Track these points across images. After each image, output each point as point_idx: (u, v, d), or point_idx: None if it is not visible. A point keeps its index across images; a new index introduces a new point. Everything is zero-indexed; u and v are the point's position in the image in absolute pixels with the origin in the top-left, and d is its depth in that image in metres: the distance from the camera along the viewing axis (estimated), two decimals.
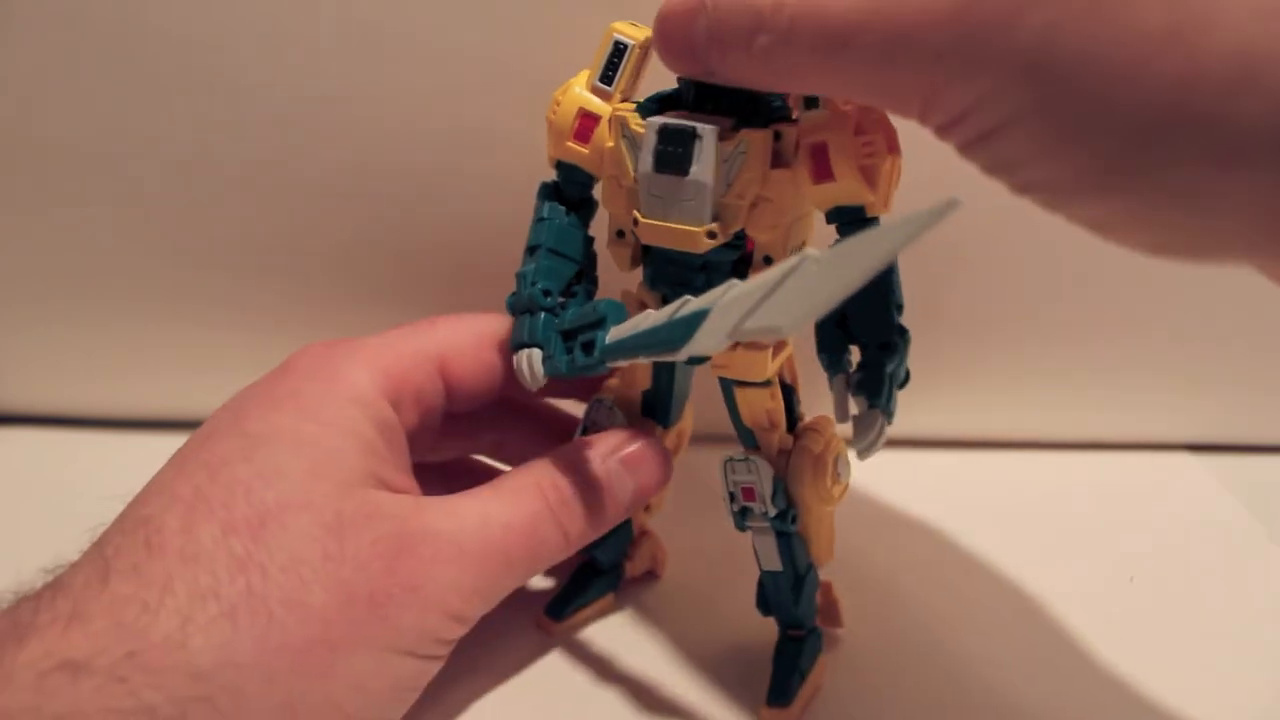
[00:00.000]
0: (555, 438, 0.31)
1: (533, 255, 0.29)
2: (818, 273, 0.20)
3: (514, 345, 0.29)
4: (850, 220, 0.25)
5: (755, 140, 0.25)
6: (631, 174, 0.26)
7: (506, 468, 0.31)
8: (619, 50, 0.27)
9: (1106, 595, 0.35)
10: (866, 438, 0.24)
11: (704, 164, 0.25)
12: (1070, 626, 0.33)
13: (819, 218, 0.26)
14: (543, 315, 0.28)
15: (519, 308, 0.29)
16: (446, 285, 0.42)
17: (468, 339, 0.30)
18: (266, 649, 0.22)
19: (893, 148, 0.25)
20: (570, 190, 0.29)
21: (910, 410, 0.27)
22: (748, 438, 0.29)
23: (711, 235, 0.25)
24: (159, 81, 0.38)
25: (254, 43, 0.37)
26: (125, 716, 0.20)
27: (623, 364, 0.25)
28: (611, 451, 0.28)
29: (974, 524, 0.39)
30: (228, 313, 0.43)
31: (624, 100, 0.28)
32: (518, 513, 0.26)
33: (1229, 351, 0.43)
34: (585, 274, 0.30)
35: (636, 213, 0.26)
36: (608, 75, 0.27)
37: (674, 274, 0.27)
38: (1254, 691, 0.31)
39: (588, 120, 0.27)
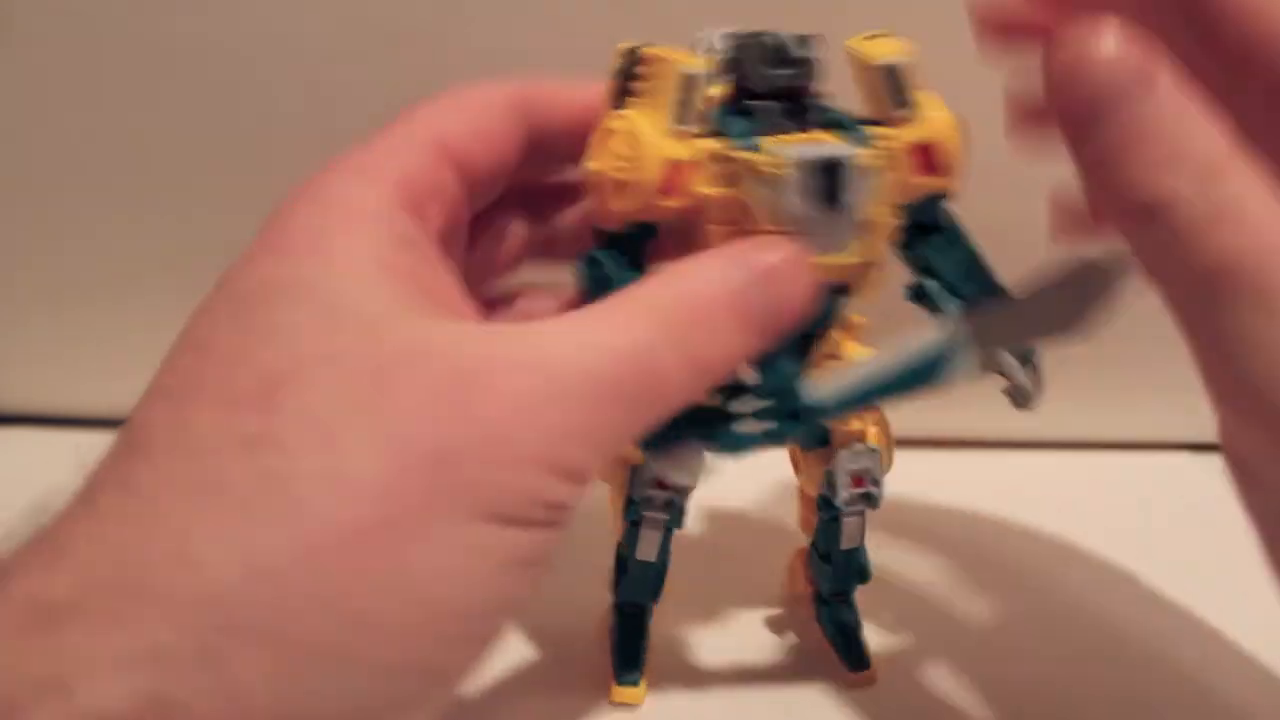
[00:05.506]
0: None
1: None
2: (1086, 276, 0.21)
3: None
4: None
5: (896, 153, 0.24)
6: (768, 217, 0.24)
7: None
8: (690, 83, 0.24)
9: (1105, 595, 0.35)
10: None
11: (856, 191, 0.24)
12: (1068, 626, 0.33)
13: None
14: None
15: None
16: None
17: (459, 111, 0.25)
18: (305, 546, 0.17)
19: None
20: (637, 247, 0.25)
21: (907, 410, 0.26)
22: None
23: (865, 261, 0.24)
24: (162, 82, 0.38)
25: (255, 44, 0.38)
26: (134, 664, 0.16)
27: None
28: (741, 262, 0.22)
29: (971, 523, 0.39)
30: None
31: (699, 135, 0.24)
32: (627, 336, 0.20)
33: None
34: None
35: None
36: (682, 114, 0.24)
37: None
38: (1254, 692, 0.31)
39: (678, 170, 0.24)
